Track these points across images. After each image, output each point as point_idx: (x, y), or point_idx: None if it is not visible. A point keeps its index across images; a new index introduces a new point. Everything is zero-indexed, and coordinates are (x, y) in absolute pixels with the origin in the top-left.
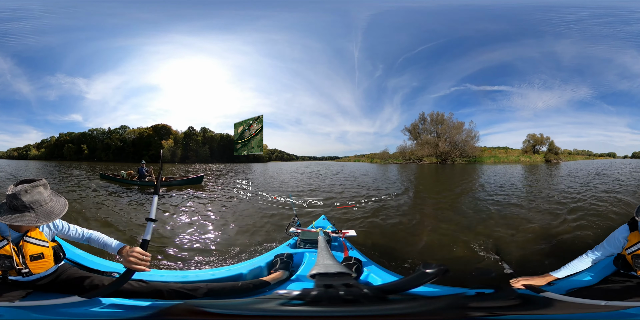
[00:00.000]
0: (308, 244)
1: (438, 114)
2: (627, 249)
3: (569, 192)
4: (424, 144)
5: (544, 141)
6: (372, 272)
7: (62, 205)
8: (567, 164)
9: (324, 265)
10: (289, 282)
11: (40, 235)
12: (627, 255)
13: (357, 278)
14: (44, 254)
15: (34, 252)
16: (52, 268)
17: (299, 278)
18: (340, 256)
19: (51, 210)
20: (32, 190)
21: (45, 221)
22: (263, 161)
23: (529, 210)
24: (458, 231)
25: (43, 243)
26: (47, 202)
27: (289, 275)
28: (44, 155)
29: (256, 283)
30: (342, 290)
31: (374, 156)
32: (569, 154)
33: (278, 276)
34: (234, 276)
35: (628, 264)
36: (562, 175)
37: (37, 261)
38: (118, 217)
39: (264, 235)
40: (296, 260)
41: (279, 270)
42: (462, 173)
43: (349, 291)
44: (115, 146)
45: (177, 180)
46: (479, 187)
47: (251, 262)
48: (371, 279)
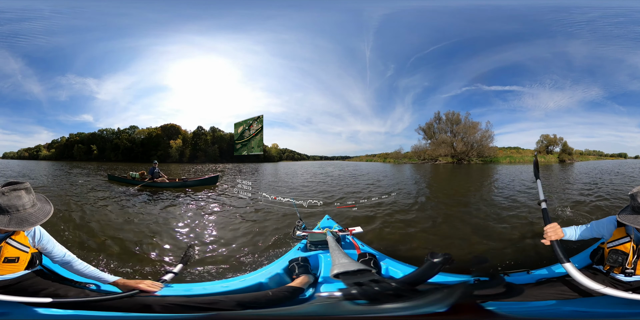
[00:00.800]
0: (318, 245)
1: (453, 113)
2: (609, 243)
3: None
4: (440, 144)
5: (557, 142)
6: (389, 266)
7: (43, 213)
8: (581, 164)
9: (341, 264)
10: (319, 284)
11: (24, 239)
12: (607, 248)
13: (379, 272)
14: (20, 258)
15: (10, 255)
16: (20, 272)
17: (326, 280)
18: (354, 254)
19: (27, 217)
20: (9, 194)
21: (17, 227)
22: (274, 161)
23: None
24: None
25: (24, 248)
26: (26, 208)
27: (315, 278)
28: (54, 155)
29: (289, 290)
30: (375, 286)
31: (387, 156)
32: (580, 154)
33: (306, 280)
34: (253, 286)
35: (603, 258)
36: (586, 175)
37: (9, 264)
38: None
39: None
40: (312, 262)
41: (301, 274)
42: (490, 173)
43: (384, 286)
44: (124, 146)
45: (192, 181)
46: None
47: (267, 271)
48: (391, 272)
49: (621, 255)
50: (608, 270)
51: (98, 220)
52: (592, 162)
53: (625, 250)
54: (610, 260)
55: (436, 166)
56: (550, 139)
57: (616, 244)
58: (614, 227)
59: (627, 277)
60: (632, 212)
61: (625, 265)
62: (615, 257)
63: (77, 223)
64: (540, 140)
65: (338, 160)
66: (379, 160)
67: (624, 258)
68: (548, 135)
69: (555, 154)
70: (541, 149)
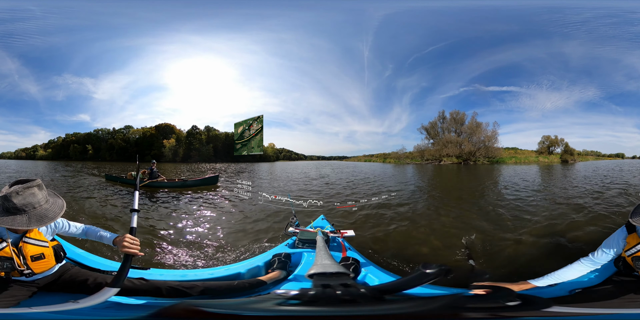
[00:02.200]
0: (306, 243)
1: (458, 112)
2: (627, 251)
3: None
4: (447, 143)
5: (558, 143)
6: (369, 273)
7: (59, 207)
8: (584, 164)
9: (321, 265)
10: (286, 281)
11: (39, 235)
12: (627, 257)
13: (355, 278)
14: (45, 254)
15: (34, 253)
16: (54, 267)
17: (297, 278)
18: (338, 256)
19: (45, 213)
20: (24, 192)
21: (38, 224)
22: (270, 160)
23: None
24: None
25: (42, 243)
26: (42, 204)
27: (287, 275)
28: (50, 155)
29: (252, 282)
30: (339, 290)
31: (387, 156)
32: (578, 155)
33: (275, 276)
34: (232, 275)
35: (629, 266)
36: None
37: (38, 261)
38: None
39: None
40: (294, 260)
41: (276, 269)
42: (521, 174)
43: (347, 291)
44: (119, 146)
45: (192, 181)
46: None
47: (249, 262)
48: (368, 279)
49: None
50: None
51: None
52: (593, 162)
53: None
54: (639, 266)
55: (442, 167)
56: (552, 140)
57: (634, 251)
58: (626, 235)
59: None
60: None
61: None
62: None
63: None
64: (542, 141)
65: (335, 160)
66: (378, 160)
67: None
68: (549, 136)
69: (556, 154)
70: (543, 150)
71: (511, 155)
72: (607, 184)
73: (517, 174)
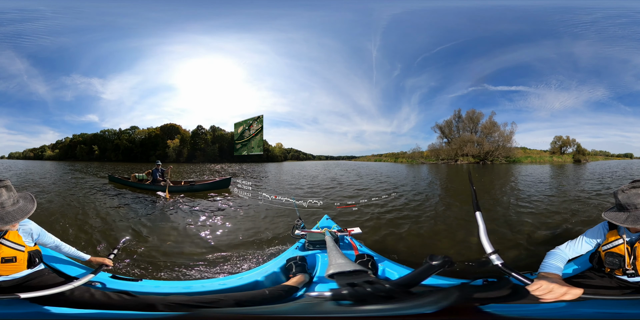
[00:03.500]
0: (317, 245)
1: (474, 111)
2: (603, 246)
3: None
4: (465, 142)
5: (570, 143)
6: (386, 267)
7: (22, 212)
8: (597, 164)
9: (337, 265)
10: (313, 284)
11: (18, 238)
12: (602, 252)
13: (376, 274)
14: (17, 257)
15: (6, 255)
16: (23, 272)
17: (320, 279)
18: (351, 254)
19: (2, 216)
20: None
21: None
22: (277, 160)
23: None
24: None
25: (19, 247)
26: (5, 207)
27: (310, 277)
28: (58, 155)
29: (285, 289)
30: (368, 287)
31: (399, 155)
32: (589, 155)
33: (301, 280)
34: (250, 284)
35: (601, 262)
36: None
37: (7, 264)
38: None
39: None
40: (309, 262)
41: (297, 273)
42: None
43: (375, 288)
44: (124, 147)
45: (200, 185)
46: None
47: (264, 269)
48: (388, 273)
49: (617, 258)
50: (610, 273)
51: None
52: (604, 162)
53: (620, 252)
54: (607, 263)
55: (462, 167)
56: (564, 140)
57: (610, 246)
58: (607, 230)
59: (631, 278)
60: (616, 210)
61: (625, 267)
62: (612, 260)
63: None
64: (554, 141)
65: (344, 160)
66: (389, 160)
67: (620, 260)
68: (562, 137)
69: (569, 154)
70: (555, 150)
71: (525, 155)
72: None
73: (546, 173)
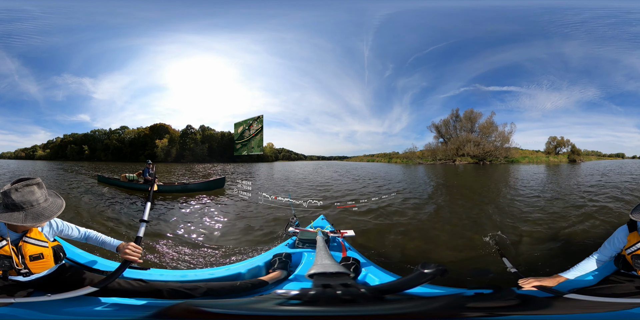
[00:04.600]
0: (307, 243)
1: (472, 111)
2: (627, 249)
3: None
4: (465, 142)
5: (565, 143)
6: (370, 273)
7: (57, 207)
8: (592, 164)
9: (322, 265)
10: (287, 281)
11: (39, 235)
12: (627, 255)
13: (355, 278)
14: (44, 254)
15: (33, 253)
16: (52, 268)
17: (297, 278)
18: (339, 256)
19: (42, 211)
20: (23, 189)
21: (33, 222)
22: (268, 161)
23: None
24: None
25: (42, 243)
26: (40, 203)
27: (287, 274)
28: (49, 155)
29: (254, 282)
30: (339, 290)
31: (393, 156)
32: (581, 155)
33: (276, 276)
34: (232, 275)
35: (628, 264)
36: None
37: (36, 261)
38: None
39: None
40: (294, 259)
41: (277, 269)
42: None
43: (347, 291)
44: (114, 146)
45: (194, 184)
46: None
47: (250, 262)
48: (369, 279)
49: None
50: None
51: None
52: (597, 162)
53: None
54: (637, 265)
55: (462, 168)
56: (559, 141)
57: (635, 249)
58: (627, 233)
59: None
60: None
61: None
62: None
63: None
64: (549, 142)
65: (336, 160)
66: (382, 160)
67: None
68: (556, 137)
69: (563, 154)
70: (550, 150)
71: (521, 155)
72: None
73: (550, 172)
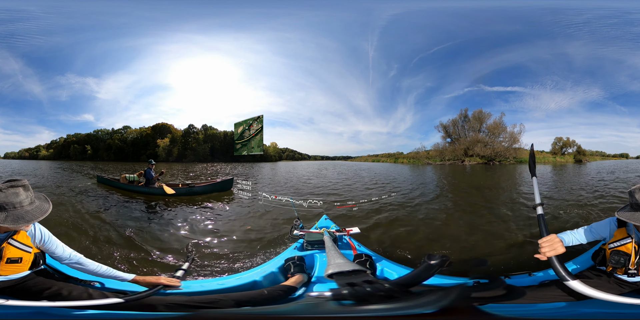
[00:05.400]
0: (315, 245)
1: (481, 111)
2: (610, 244)
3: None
4: (475, 143)
5: (570, 144)
6: (385, 267)
7: (40, 212)
8: (599, 164)
9: (336, 265)
10: (311, 284)
11: (26, 239)
12: (608, 249)
13: (374, 274)
14: (23, 258)
15: (13, 256)
16: (23, 273)
17: (319, 279)
18: (350, 254)
19: (23, 215)
20: (7, 190)
21: (12, 224)
22: (271, 160)
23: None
24: None
25: (27, 248)
26: (24, 206)
27: (308, 277)
28: (52, 155)
29: (284, 289)
30: (367, 287)
31: (399, 156)
32: (587, 155)
33: (300, 280)
34: (247, 284)
35: (605, 260)
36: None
37: (11, 264)
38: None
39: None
40: (307, 262)
41: (296, 273)
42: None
43: (374, 287)
44: (116, 146)
45: (200, 187)
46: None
47: (262, 269)
48: (387, 273)
49: (623, 256)
50: (611, 271)
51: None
52: (602, 162)
53: (627, 251)
54: (612, 261)
55: (474, 168)
56: (565, 142)
57: (617, 244)
58: (615, 227)
59: (631, 278)
60: (630, 209)
61: (628, 266)
62: (617, 258)
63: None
64: (555, 142)
65: (340, 160)
66: (387, 160)
67: (626, 259)
68: (562, 138)
69: (569, 155)
70: (556, 151)
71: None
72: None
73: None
